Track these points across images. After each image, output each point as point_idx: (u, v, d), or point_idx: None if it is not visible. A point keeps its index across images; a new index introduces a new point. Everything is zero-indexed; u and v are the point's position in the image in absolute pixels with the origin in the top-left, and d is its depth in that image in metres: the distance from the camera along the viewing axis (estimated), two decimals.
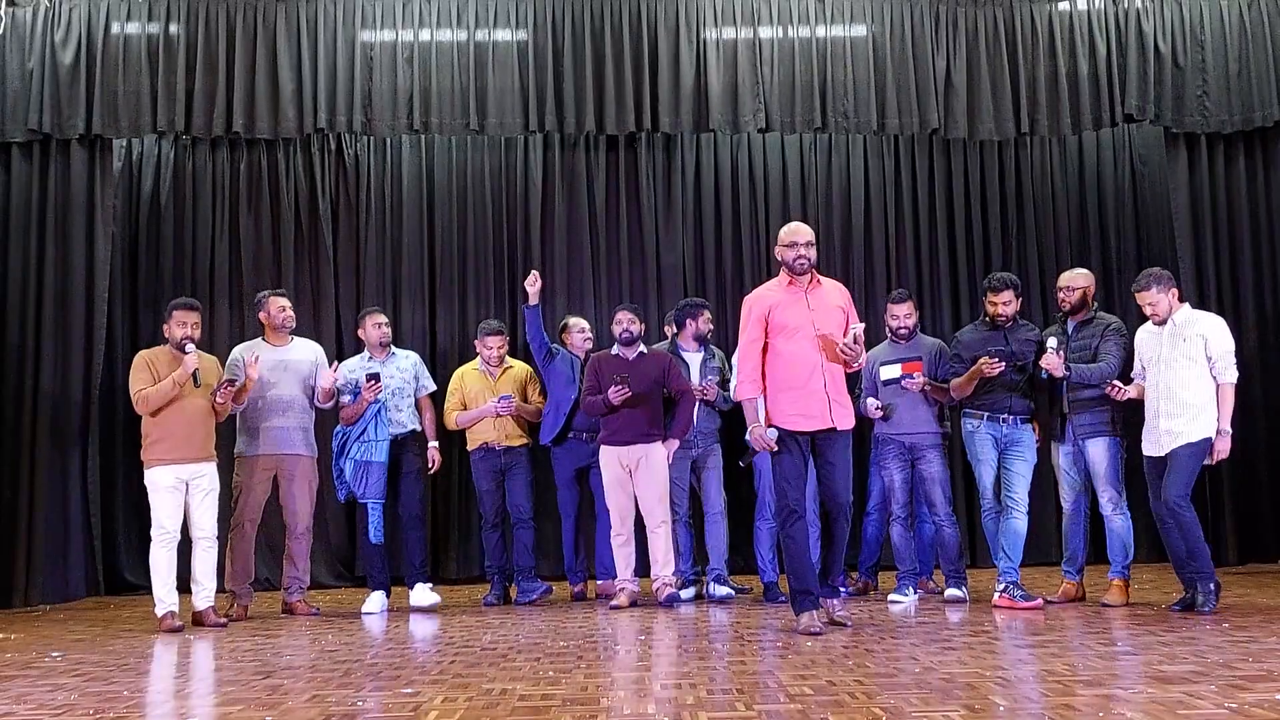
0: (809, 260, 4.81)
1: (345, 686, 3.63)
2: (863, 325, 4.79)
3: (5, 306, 6.98)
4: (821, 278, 4.92)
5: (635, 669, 3.86)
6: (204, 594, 5.59)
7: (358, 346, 6.60)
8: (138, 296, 7.56)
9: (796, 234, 4.84)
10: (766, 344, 4.79)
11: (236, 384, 5.76)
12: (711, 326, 6.31)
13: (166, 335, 5.73)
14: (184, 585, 5.58)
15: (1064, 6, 7.42)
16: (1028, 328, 5.71)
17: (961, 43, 7.35)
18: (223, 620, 5.55)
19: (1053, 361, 5.31)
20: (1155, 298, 5.22)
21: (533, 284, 6.18)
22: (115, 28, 7.05)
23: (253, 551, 6.00)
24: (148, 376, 5.61)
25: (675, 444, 5.91)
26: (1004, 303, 5.60)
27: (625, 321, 6.01)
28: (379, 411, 6.03)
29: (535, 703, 3.25)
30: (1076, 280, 5.61)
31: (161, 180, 7.68)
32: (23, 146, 7.07)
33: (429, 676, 3.80)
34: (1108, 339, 5.46)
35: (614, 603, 5.81)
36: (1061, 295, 5.64)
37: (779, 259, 4.89)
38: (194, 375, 5.55)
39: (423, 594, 5.98)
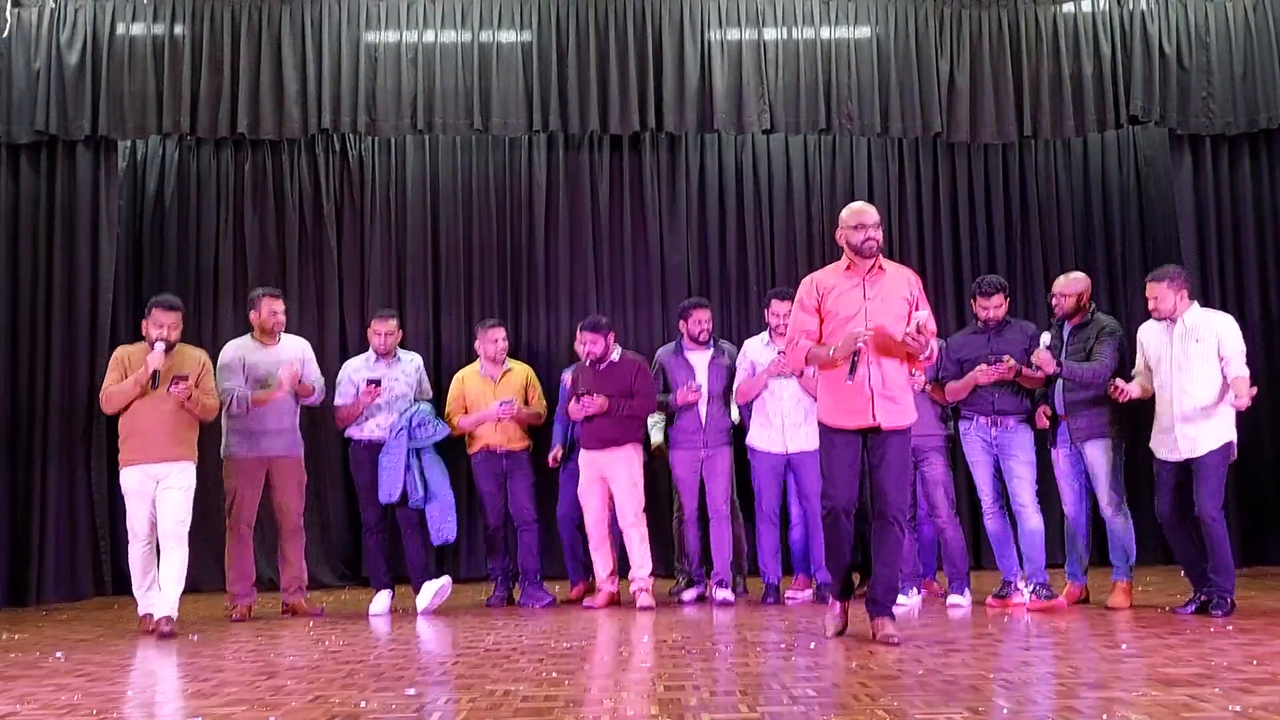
0: (878, 243, 4.44)
1: (348, 687, 3.64)
2: (926, 313, 4.48)
3: (15, 307, 7.00)
4: (886, 263, 4.54)
5: (638, 670, 3.86)
6: (165, 601, 5.27)
7: (361, 348, 6.61)
8: (143, 297, 7.52)
9: (864, 215, 4.46)
10: (820, 333, 4.52)
11: (189, 382, 5.37)
12: (705, 325, 6.19)
13: (144, 333, 5.55)
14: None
15: (1068, 8, 7.41)
16: (1020, 325, 5.70)
17: (965, 44, 7.34)
18: (168, 630, 5.14)
19: (1043, 356, 5.30)
20: (1163, 292, 5.19)
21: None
22: (120, 29, 7.06)
23: (251, 553, 5.96)
24: (117, 374, 5.47)
25: (600, 401, 5.82)
26: (994, 306, 5.59)
27: (588, 342, 6.01)
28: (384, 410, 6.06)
29: (538, 704, 3.25)
30: (1070, 286, 5.59)
31: (166, 181, 7.70)
32: (29, 148, 7.09)
33: (432, 677, 3.80)
34: (1102, 340, 5.44)
35: (587, 603, 5.93)
36: (1055, 301, 5.62)
37: (842, 242, 4.53)
38: (154, 376, 5.33)
39: (428, 590, 5.95)
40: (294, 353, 6.13)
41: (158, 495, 5.40)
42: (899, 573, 4.61)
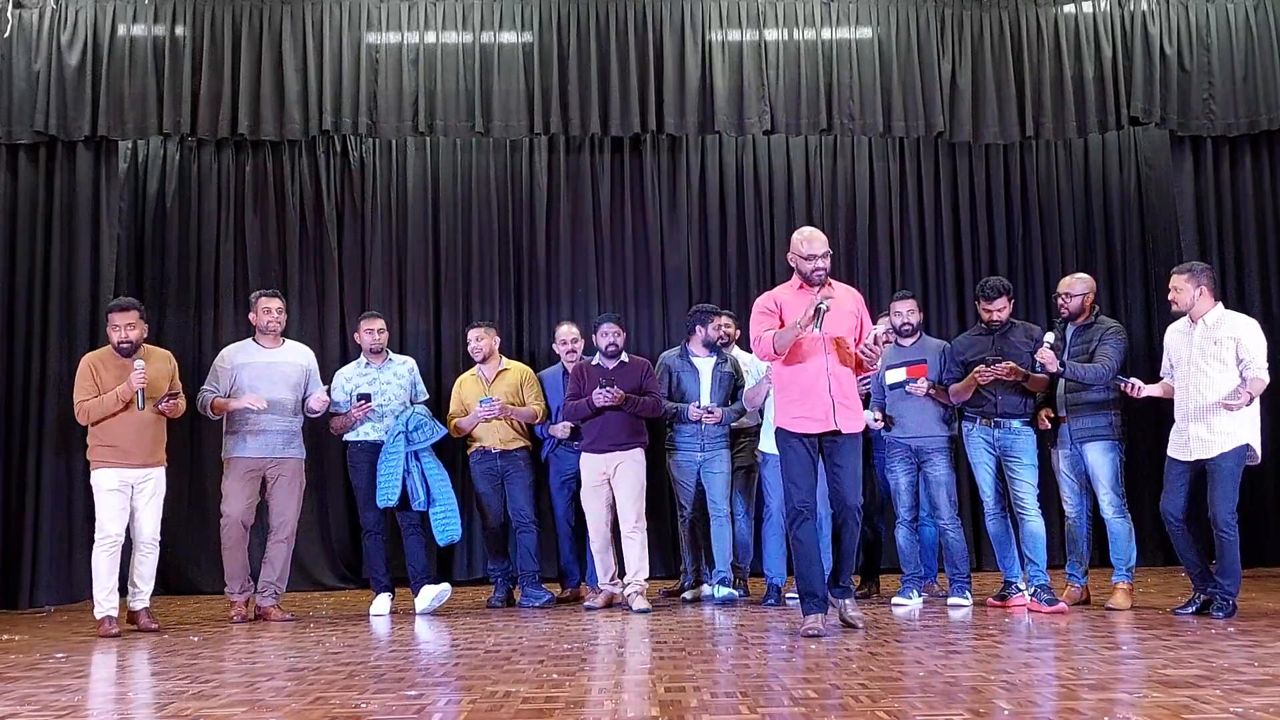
0: (826, 271, 4.81)
1: (349, 688, 3.64)
2: (883, 327, 4.76)
3: (12, 308, 6.98)
4: (834, 282, 4.91)
5: (639, 672, 3.86)
6: (140, 596, 5.51)
7: (360, 351, 6.61)
8: (143, 298, 7.48)
9: (814, 245, 4.78)
10: None
11: (179, 398, 5.57)
12: (725, 333, 6.29)
13: (108, 337, 5.57)
14: (123, 587, 5.54)
15: (1069, 9, 7.41)
16: (1025, 328, 5.70)
17: (967, 45, 7.34)
18: (155, 625, 5.41)
19: (1047, 355, 5.30)
20: (1183, 284, 5.16)
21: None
22: (121, 30, 7.05)
23: (246, 553, 5.91)
24: (91, 385, 5.46)
25: (619, 393, 5.83)
26: (997, 309, 5.59)
27: (611, 334, 6.02)
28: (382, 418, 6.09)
29: (539, 705, 3.25)
30: (1076, 287, 5.59)
31: (167, 182, 7.70)
32: (29, 149, 7.07)
33: (433, 679, 3.80)
34: (1105, 341, 5.44)
35: (587, 603, 5.96)
36: (1060, 301, 5.63)
37: (793, 266, 4.87)
38: (139, 395, 5.39)
39: (427, 593, 5.95)
40: (296, 359, 6.11)
41: (136, 500, 5.50)
42: (855, 559, 4.99)
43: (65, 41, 6.98)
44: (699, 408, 5.99)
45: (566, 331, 6.53)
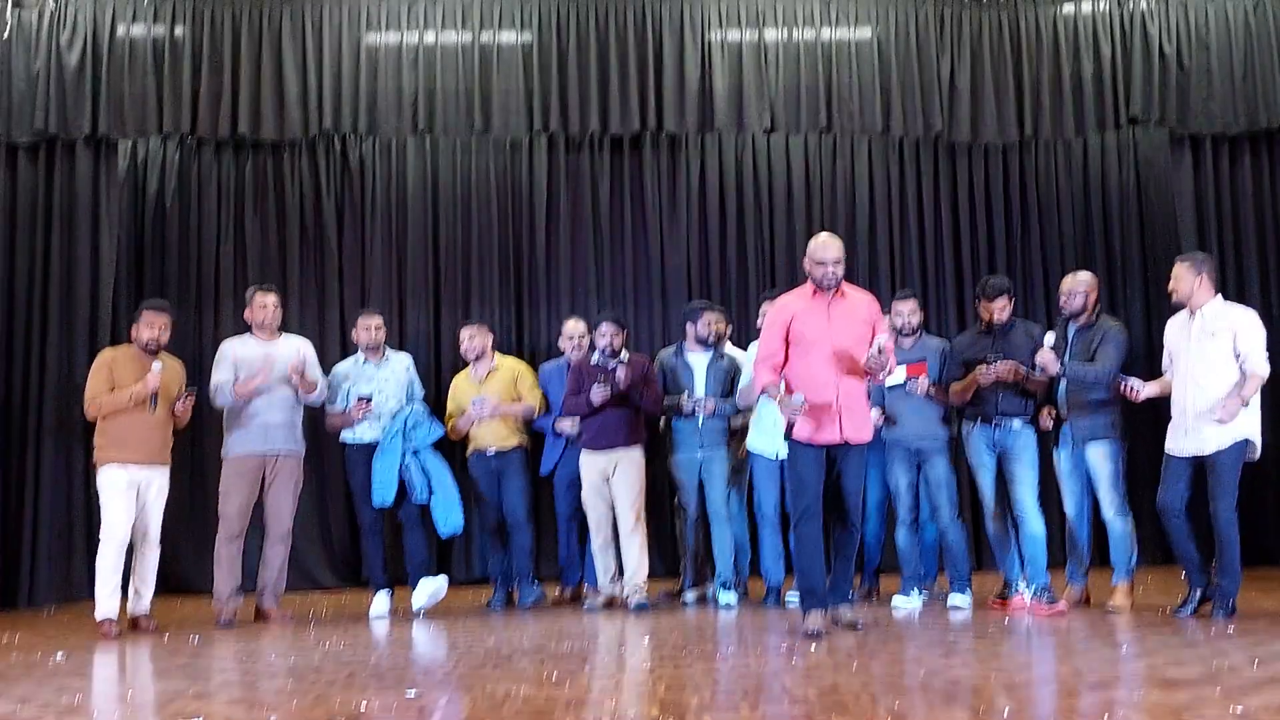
0: (837, 277, 4.76)
1: (350, 689, 3.64)
2: (886, 335, 4.72)
3: (11, 308, 6.98)
4: (849, 288, 4.87)
5: (639, 672, 3.87)
6: (142, 601, 5.56)
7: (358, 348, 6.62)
8: (143, 298, 7.49)
9: (827, 250, 4.74)
10: (786, 355, 4.78)
11: (193, 399, 5.65)
12: (717, 329, 6.26)
13: (133, 336, 5.64)
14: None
15: (1069, 9, 7.42)
16: (1025, 327, 5.70)
17: (966, 45, 7.34)
18: (153, 627, 5.48)
19: (1046, 357, 5.29)
20: (1183, 273, 5.14)
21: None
22: (121, 29, 7.05)
23: (240, 560, 5.87)
24: (106, 379, 5.52)
25: (621, 382, 5.83)
26: (998, 309, 5.59)
27: (610, 334, 6.01)
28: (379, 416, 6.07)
29: (539, 705, 3.25)
30: (1079, 285, 5.58)
31: (167, 182, 7.70)
32: (29, 148, 7.07)
33: (433, 679, 3.80)
34: (1106, 341, 5.43)
35: (588, 603, 5.97)
36: (1063, 299, 5.62)
37: (806, 271, 4.84)
38: (154, 396, 5.46)
39: (424, 587, 5.90)
40: (293, 350, 6.09)
41: (145, 499, 5.54)
42: (854, 565, 5.02)
43: (65, 41, 6.97)
44: (690, 399, 5.99)
45: (573, 327, 6.51)
